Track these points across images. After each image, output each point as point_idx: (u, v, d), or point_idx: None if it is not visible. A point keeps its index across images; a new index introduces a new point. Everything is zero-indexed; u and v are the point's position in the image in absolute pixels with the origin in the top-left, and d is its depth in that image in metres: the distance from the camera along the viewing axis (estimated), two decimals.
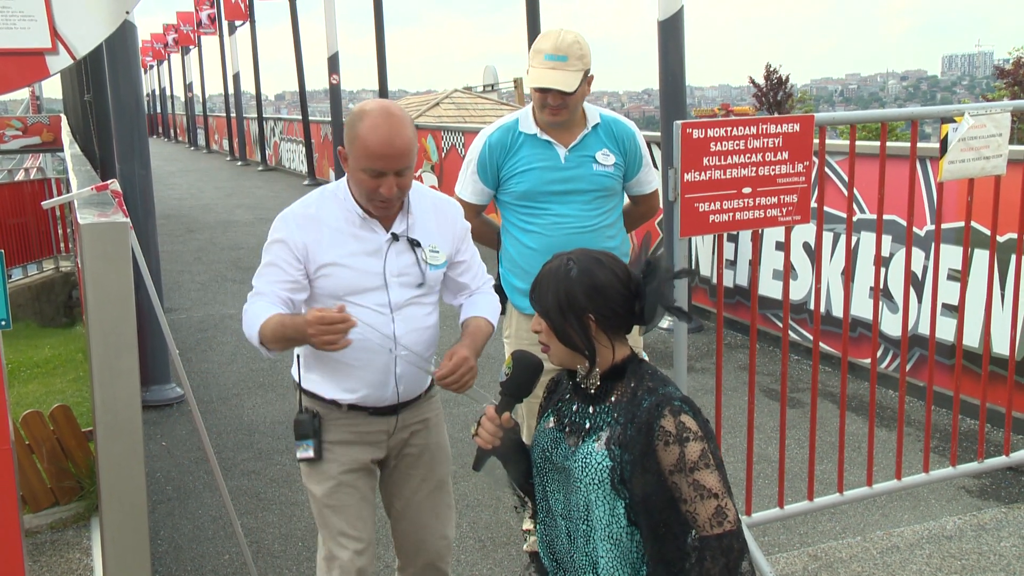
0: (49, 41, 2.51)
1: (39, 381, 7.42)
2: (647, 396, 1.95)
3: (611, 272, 1.98)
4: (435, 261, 2.62)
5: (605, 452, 1.94)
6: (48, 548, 4.14)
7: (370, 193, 2.46)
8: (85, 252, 2.64)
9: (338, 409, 2.63)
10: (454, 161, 13.15)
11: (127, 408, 2.68)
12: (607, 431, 1.96)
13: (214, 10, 28.75)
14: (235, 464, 5.00)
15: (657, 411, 1.90)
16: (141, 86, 6.24)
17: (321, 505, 2.63)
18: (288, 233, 2.54)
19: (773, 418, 5.30)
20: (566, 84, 3.23)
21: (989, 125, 3.79)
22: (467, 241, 2.76)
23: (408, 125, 2.45)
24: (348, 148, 2.47)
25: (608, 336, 2.00)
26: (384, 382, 2.60)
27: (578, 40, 3.29)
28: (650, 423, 1.90)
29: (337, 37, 17.44)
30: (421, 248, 2.60)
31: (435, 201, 2.69)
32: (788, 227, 3.63)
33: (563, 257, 2.01)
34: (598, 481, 1.94)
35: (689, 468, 1.88)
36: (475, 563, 3.89)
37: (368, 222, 2.55)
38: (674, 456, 1.89)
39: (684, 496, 1.89)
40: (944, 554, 3.76)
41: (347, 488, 2.62)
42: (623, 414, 1.95)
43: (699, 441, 1.90)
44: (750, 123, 3.39)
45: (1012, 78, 31.71)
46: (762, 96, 39.80)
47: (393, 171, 2.42)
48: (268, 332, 2.42)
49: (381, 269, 2.56)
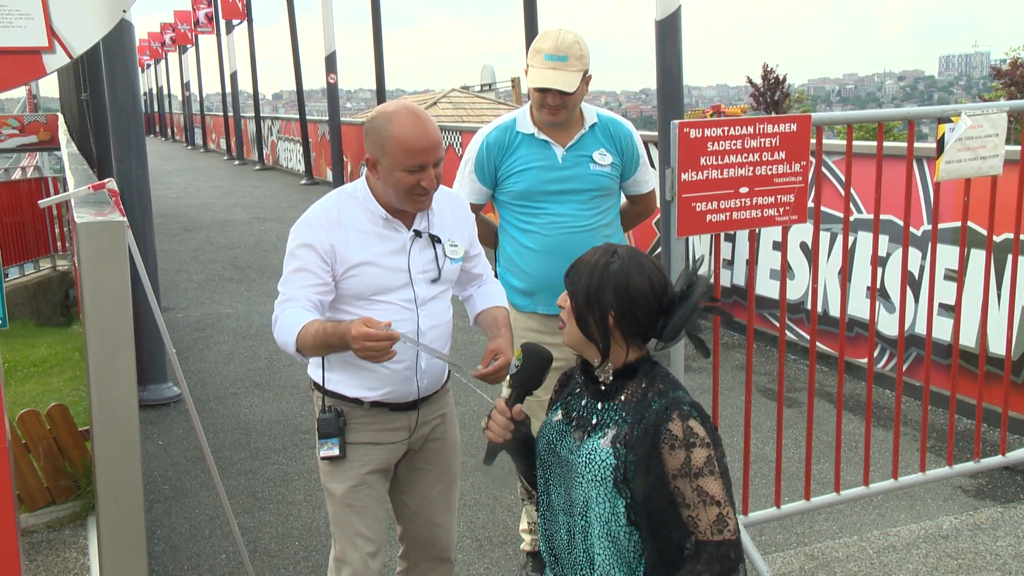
0: (46, 40, 2.50)
1: (36, 380, 7.41)
2: (657, 398, 1.95)
3: (648, 281, 1.98)
4: (454, 255, 2.66)
5: (610, 450, 1.95)
6: (45, 547, 4.14)
7: (411, 189, 2.48)
8: (81, 251, 2.63)
9: (360, 407, 2.63)
10: (452, 160, 13.14)
11: (123, 407, 2.67)
12: (614, 429, 1.97)
13: (211, 9, 28.75)
14: (232, 463, 5.00)
15: (666, 414, 1.91)
16: (138, 85, 6.24)
17: (341, 504, 2.63)
18: (315, 237, 2.53)
19: (770, 418, 5.31)
20: (566, 84, 3.23)
21: (986, 125, 3.79)
22: (475, 233, 2.84)
23: (430, 118, 2.52)
24: (380, 153, 2.49)
25: (624, 337, 2.01)
26: (408, 378, 2.62)
27: (578, 40, 3.30)
28: (658, 425, 1.91)
29: (335, 36, 17.44)
30: (441, 243, 2.64)
31: (447, 196, 2.74)
32: (785, 227, 3.64)
33: (611, 250, 2.02)
34: (600, 478, 1.94)
35: (694, 473, 1.89)
36: (472, 562, 3.89)
37: (391, 222, 2.57)
38: (679, 460, 1.89)
39: (687, 501, 1.89)
40: (940, 553, 3.77)
41: (367, 489, 2.64)
42: (631, 414, 1.96)
43: (705, 447, 1.91)
44: (747, 123, 3.40)
45: (1009, 78, 31.78)
46: (759, 96, 39.82)
47: (432, 163, 2.47)
48: (309, 339, 2.41)
49: (406, 266, 2.58)
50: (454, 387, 2.82)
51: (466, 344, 6.87)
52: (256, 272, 10.47)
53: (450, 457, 2.83)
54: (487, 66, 28.92)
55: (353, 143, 18.06)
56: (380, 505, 2.68)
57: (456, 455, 2.87)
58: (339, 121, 17.90)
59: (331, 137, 17.82)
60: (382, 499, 2.71)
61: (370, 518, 2.63)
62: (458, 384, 5.98)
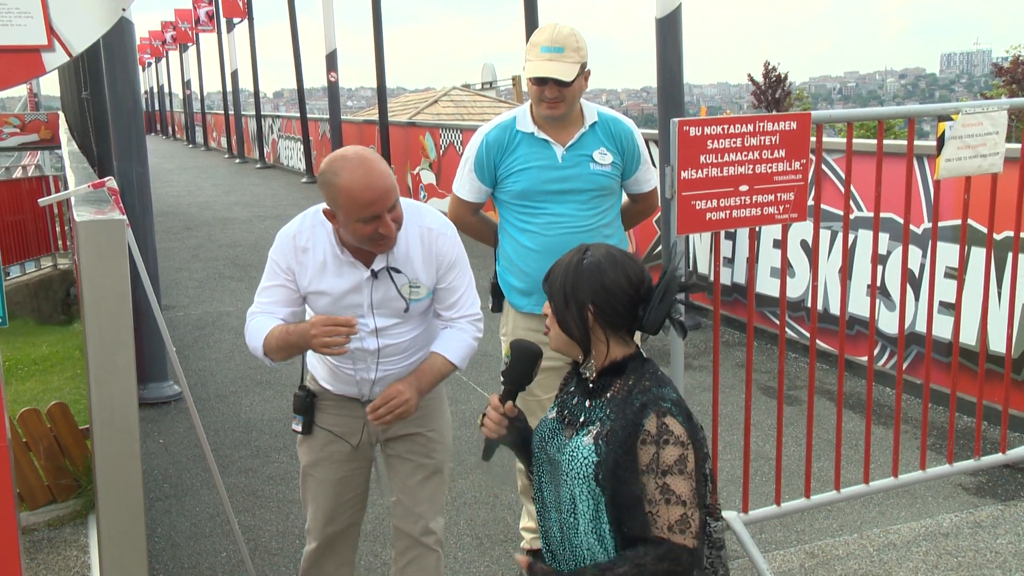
0: (45, 38, 2.50)
1: (37, 378, 7.42)
2: (639, 395, 1.95)
3: (622, 271, 2.00)
4: (415, 296, 2.69)
5: (592, 447, 1.95)
6: (45, 545, 4.14)
7: (370, 236, 2.51)
8: (81, 249, 2.63)
9: (329, 392, 2.86)
10: (452, 158, 13.14)
11: (123, 405, 2.67)
12: (598, 426, 1.97)
13: (212, 7, 28.72)
14: (232, 462, 5.01)
15: (643, 411, 1.91)
16: (138, 83, 6.23)
17: (304, 474, 2.91)
18: (281, 256, 2.69)
19: (770, 415, 5.31)
20: (563, 73, 3.23)
21: (986, 123, 3.79)
22: (456, 270, 2.74)
23: (380, 160, 2.51)
24: (333, 206, 2.52)
25: (605, 332, 2.02)
26: (362, 382, 2.79)
27: (574, 33, 3.30)
28: (636, 422, 1.90)
29: (335, 34, 17.43)
30: (403, 279, 2.66)
31: (425, 230, 2.69)
32: (785, 225, 3.64)
33: (582, 248, 2.05)
34: (583, 476, 1.95)
35: (662, 471, 1.88)
36: (472, 560, 3.89)
37: (352, 262, 2.64)
38: (648, 456, 1.89)
39: (649, 496, 1.88)
40: (941, 551, 3.77)
41: (328, 464, 2.85)
42: (615, 411, 1.96)
43: (679, 446, 1.89)
44: (747, 121, 3.39)
45: (1010, 76, 31.74)
46: (761, 94, 39.77)
47: (385, 209, 2.47)
48: (273, 341, 2.61)
49: (362, 301, 2.67)
50: (454, 385, 2.83)
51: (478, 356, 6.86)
52: (256, 270, 10.46)
53: (430, 448, 2.87)
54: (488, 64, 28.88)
55: (353, 141, 18.06)
56: (340, 482, 2.86)
57: (439, 448, 2.90)
58: (340, 119, 17.90)
59: (332, 135, 17.81)
60: (344, 477, 2.86)
61: (327, 490, 2.85)
62: (459, 383, 5.98)
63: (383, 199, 2.45)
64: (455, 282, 2.74)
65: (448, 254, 2.70)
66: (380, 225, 2.47)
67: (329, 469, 2.86)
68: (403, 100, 26.52)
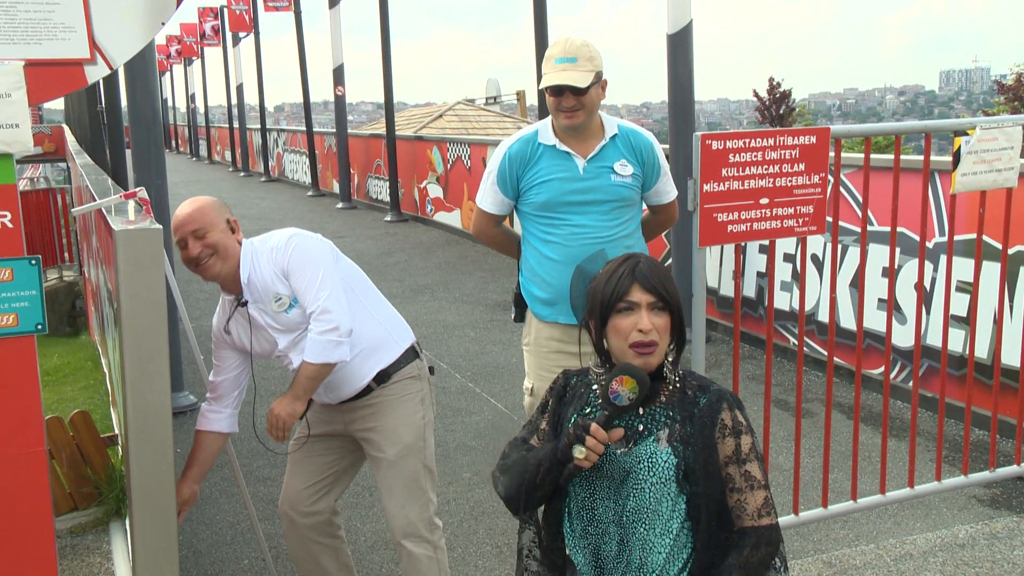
0: (88, 52, 2.55)
1: (51, 389, 7.43)
2: (700, 393, 2.03)
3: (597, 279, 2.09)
4: (281, 308, 3.03)
5: (669, 450, 1.99)
6: (68, 552, 4.17)
7: (185, 260, 3.01)
8: (119, 259, 2.67)
9: None
10: (459, 172, 13.21)
11: (158, 412, 2.71)
12: (665, 430, 2.01)
13: (218, 22, 28.87)
14: (251, 471, 5.04)
15: (718, 405, 2.00)
16: (158, 96, 6.29)
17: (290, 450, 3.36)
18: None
19: (783, 428, 5.35)
20: (577, 80, 3.30)
21: (1001, 138, 3.85)
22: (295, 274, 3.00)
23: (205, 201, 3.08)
24: None
25: None
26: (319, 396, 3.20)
27: (587, 44, 3.39)
28: (712, 417, 1.99)
29: (343, 49, 17.52)
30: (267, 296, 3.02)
31: (268, 251, 3.06)
32: (803, 238, 3.69)
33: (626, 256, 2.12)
34: (665, 479, 1.99)
35: (742, 459, 1.98)
36: (492, 568, 3.92)
37: (229, 299, 3.11)
38: (730, 448, 1.98)
39: (737, 486, 1.98)
40: (958, 562, 3.80)
41: (304, 445, 3.29)
42: (678, 411, 2.02)
43: (749, 434, 2.01)
44: (767, 135, 3.46)
45: (1013, 93, 31.82)
46: (764, 110, 39.93)
47: (189, 233, 2.96)
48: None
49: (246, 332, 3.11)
50: (467, 397, 2.86)
51: (477, 355, 6.91)
52: None
53: (383, 443, 3.13)
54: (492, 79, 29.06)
55: (359, 155, 18.13)
56: (311, 459, 3.29)
57: (390, 441, 3.13)
58: (347, 133, 17.95)
59: (338, 149, 17.88)
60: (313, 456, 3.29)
61: (298, 466, 3.31)
62: (471, 394, 6.02)
63: (181, 226, 2.96)
64: (296, 284, 3.00)
65: (283, 262, 3.01)
66: (188, 251, 2.96)
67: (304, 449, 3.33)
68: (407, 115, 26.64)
